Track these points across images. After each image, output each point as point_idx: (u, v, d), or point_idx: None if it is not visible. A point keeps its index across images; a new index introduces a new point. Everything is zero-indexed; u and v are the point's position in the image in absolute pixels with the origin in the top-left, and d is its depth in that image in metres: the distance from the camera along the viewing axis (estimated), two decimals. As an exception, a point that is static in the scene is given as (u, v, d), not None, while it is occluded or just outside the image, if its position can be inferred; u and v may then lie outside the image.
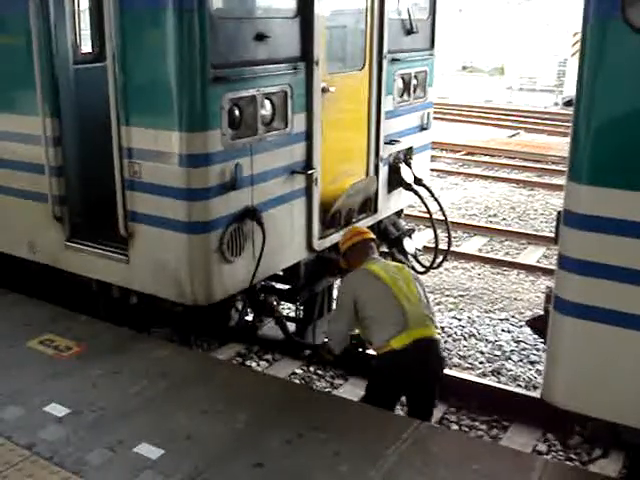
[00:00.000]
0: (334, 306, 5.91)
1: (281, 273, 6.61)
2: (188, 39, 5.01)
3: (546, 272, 10.14)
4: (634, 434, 4.31)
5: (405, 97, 7.62)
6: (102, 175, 5.78)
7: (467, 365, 7.59)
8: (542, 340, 6.20)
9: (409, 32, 7.45)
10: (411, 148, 7.80)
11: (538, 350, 7.82)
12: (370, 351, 5.91)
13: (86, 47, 7.91)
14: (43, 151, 6.04)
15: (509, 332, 8.38)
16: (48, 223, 6.25)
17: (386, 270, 5.53)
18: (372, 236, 5.95)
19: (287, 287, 6.92)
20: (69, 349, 5.72)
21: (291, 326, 7.17)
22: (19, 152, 6.36)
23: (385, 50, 7.00)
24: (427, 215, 8.09)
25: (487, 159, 17.89)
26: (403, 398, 5.76)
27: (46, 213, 6.21)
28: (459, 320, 8.63)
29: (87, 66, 7.13)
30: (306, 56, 5.99)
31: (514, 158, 17.97)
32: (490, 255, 11.12)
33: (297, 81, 5.93)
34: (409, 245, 7.91)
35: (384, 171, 7.40)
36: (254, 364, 7.49)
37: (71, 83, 6.29)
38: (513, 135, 21.16)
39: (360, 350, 6.13)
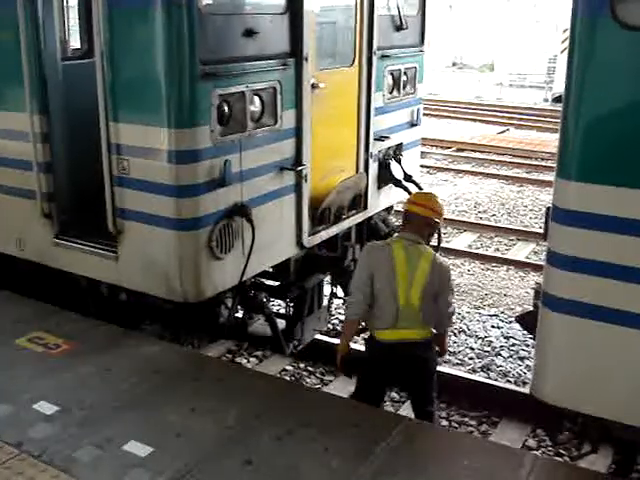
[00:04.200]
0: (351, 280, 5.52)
1: (271, 270, 6.60)
2: (177, 35, 4.99)
3: (535, 268, 10.17)
4: (623, 430, 4.33)
5: (395, 93, 7.61)
6: (91, 172, 5.76)
7: (457, 361, 7.61)
8: (531, 336, 6.22)
9: (399, 28, 7.45)
10: (401, 144, 7.80)
11: (528, 346, 7.85)
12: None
13: (75, 43, 7.88)
14: (31, 147, 6.00)
15: (499, 328, 8.40)
16: (37, 220, 6.21)
17: (407, 257, 5.17)
18: (432, 217, 5.33)
19: (277, 284, 6.92)
20: (58, 346, 5.70)
21: (281, 323, 7.16)
22: (7, 148, 6.32)
23: (375, 46, 6.99)
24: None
25: (477, 155, 17.94)
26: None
27: (34, 210, 6.18)
28: (449, 316, 8.64)
29: (76, 62, 7.10)
30: (295, 52, 5.97)
31: (504, 154, 18.02)
32: (480, 251, 11.15)
33: (286, 77, 5.91)
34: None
35: (374, 167, 7.39)
36: (244, 361, 7.49)
37: (59, 79, 6.24)
38: (503, 131, 21.21)
39: None
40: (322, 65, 6.49)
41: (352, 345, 5.60)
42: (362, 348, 5.79)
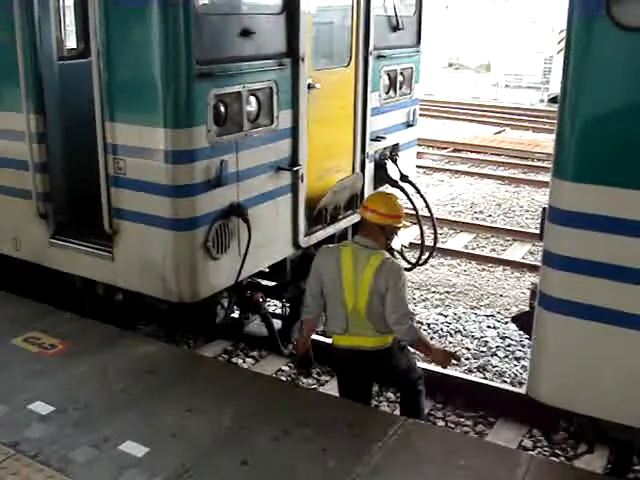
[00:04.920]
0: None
1: (267, 270, 6.60)
2: (173, 35, 4.99)
3: (531, 268, 10.17)
4: (619, 430, 4.33)
5: (391, 94, 7.62)
6: (87, 172, 5.75)
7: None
8: (527, 336, 6.22)
9: (395, 29, 7.46)
10: (397, 145, 7.80)
11: (523, 346, 7.84)
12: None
13: (71, 43, 7.87)
14: (27, 147, 6.00)
15: (495, 328, 8.39)
16: (32, 220, 6.21)
17: (354, 263, 5.04)
18: (381, 223, 5.14)
19: (273, 284, 6.91)
20: (54, 346, 5.69)
21: (277, 323, 7.16)
22: (3, 148, 6.31)
23: (371, 46, 7.00)
24: (413, 212, 8.09)
25: (473, 156, 17.92)
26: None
27: (30, 210, 6.17)
28: (445, 316, 8.64)
29: (72, 62, 7.09)
30: (292, 52, 5.98)
31: (500, 155, 18.00)
32: (476, 251, 11.14)
33: (283, 77, 5.91)
34: (395, 242, 7.90)
35: (370, 168, 7.40)
36: (240, 361, 7.47)
37: (55, 79, 6.24)
38: (499, 132, 21.20)
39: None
40: (318, 65, 6.50)
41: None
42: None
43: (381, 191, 5.88)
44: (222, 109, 5.36)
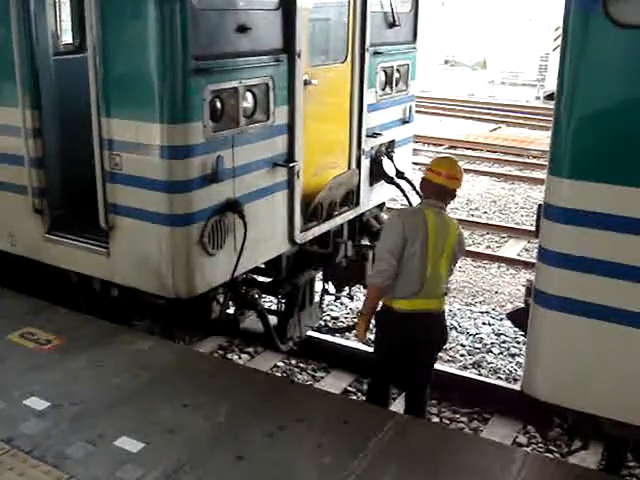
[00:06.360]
0: (378, 247, 5.51)
1: (263, 266, 6.59)
2: (169, 30, 4.98)
3: (527, 265, 10.21)
4: (613, 426, 4.35)
5: (387, 90, 7.61)
6: (83, 167, 5.75)
7: (448, 358, 7.63)
8: (522, 333, 6.24)
9: (391, 25, 7.45)
10: (393, 141, 7.80)
11: (519, 343, 7.87)
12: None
13: (67, 38, 7.85)
14: (23, 142, 5.98)
15: (490, 325, 8.43)
16: (28, 215, 6.19)
17: (438, 225, 5.22)
18: (456, 187, 5.39)
19: (269, 280, 6.91)
20: (49, 342, 5.68)
21: (273, 319, 7.16)
22: (-1, 143, 6.31)
23: (367, 43, 6.99)
24: (409, 208, 8.10)
25: (469, 153, 17.93)
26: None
27: (26, 205, 6.16)
28: (440, 313, 8.65)
29: (68, 57, 7.08)
30: (288, 48, 5.97)
31: (496, 152, 18.05)
32: (471, 248, 11.14)
33: (279, 73, 5.91)
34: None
35: (366, 164, 7.39)
36: (236, 357, 7.49)
37: (51, 74, 6.23)
38: (495, 129, 21.22)
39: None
40: (315, 61, 6.49)
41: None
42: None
43: (444, 156, 5.92)
44: (218, 105, 5.35)
